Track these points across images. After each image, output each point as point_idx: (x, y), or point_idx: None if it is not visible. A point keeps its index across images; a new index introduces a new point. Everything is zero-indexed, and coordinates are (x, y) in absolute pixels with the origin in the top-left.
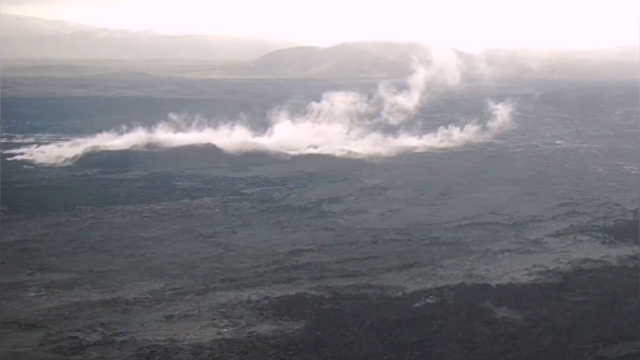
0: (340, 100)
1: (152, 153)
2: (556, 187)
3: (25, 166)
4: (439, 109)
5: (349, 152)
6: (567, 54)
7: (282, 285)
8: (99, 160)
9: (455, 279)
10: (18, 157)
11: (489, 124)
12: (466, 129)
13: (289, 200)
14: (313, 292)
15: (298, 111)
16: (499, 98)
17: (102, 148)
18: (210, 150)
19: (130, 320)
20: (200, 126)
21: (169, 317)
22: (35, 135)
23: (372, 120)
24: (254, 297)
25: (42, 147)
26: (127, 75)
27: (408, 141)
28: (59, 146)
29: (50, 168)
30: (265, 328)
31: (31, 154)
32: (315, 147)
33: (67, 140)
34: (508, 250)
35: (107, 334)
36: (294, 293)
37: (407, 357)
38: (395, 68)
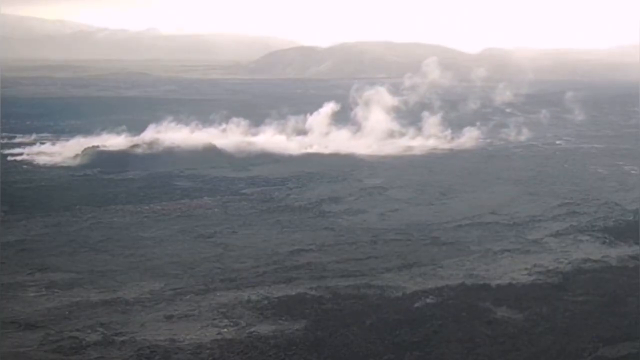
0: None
1: (152, 153)
2: (556, 187)
3: (25, 166)
4: (439, 109)
5: (349, 152)
6: (566, 54)
7: (282, 285)
8: (99, 160)
9: (455, 279)
10: (18, 157)
11: (489, 124)
12: (468, 130)
13: (289, 200)
14: (313, 292)
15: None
16: (499, 98)
17: (102, 148)
18: (210, 150)
19: (130, 320)
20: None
21: (169, 317)
22: (35, 135)
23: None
24: (254, 297)
25: (42, 147)
26: (127, 75)
27: (408, 142)
28: (58, 146)
29: (50, 168)
30: (265, 328)
31: (31, 154)
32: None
33: (67, 140)
34: (508, 250)
35: (107, 334)
36: (294, 293)
37: (407, 357)
38: (395, 68)
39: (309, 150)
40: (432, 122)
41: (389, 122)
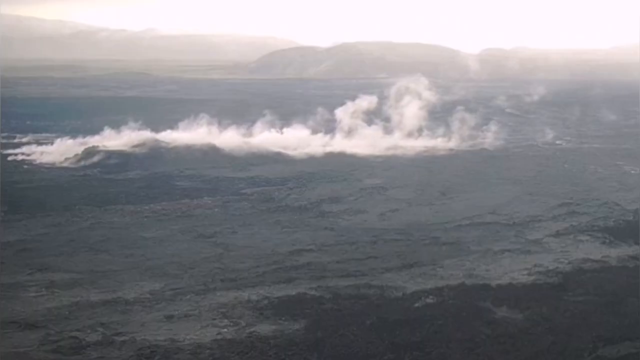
0: None
1: (152, 153)
2: (556, 187)
3: (25, 166)
4: (440, 109)
5: (349, 152)
6: (566, 54)
7: (282, 285)
8: (99, 160)
9: (455, 279)
10: (18, 157)
11: (488, 124)
12: (468, 130)
13: (289, 200)
14: (313, 292)
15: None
16: (499, 98)
17: (102, 148)
18: (210, 150)
19: (130, 320)
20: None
21: (169, 317)
22: (35, 135)
23: None
24: (254, 297)
25: (42, 147)
26: (127, 75)
27: (408, 142)
28: (59, 146)
29: (50, 168)
30: (265, 328)
31: (31, 154)
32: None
33: (66, 140)
34: (508, 250)
35: (107, 334)
36: (294, 293)
37: (407, 357)
38: (395, 68)
39: (329, 150)
40: (441, 122)
41: (419, 119)
